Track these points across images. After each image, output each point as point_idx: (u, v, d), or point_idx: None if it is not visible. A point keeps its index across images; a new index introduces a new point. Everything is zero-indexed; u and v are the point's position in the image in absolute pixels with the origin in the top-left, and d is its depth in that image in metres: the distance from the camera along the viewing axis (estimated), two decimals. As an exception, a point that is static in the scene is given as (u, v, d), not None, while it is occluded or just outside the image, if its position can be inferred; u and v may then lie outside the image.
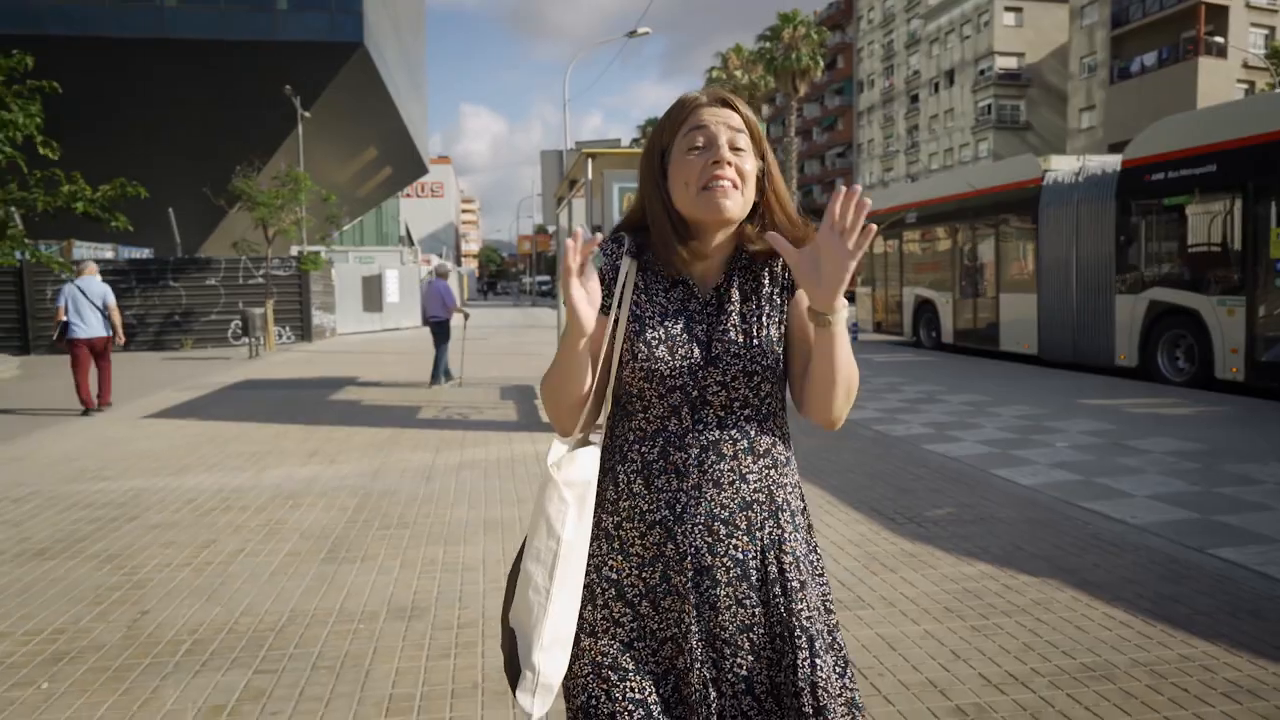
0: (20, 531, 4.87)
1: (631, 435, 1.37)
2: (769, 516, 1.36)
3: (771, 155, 1.41)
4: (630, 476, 1.36)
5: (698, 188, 1.32)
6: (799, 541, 1.38)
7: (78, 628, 3.47)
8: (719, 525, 1.33)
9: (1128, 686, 2.87)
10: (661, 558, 1.33)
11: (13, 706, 2.81)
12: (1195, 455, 6.58)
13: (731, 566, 1.33)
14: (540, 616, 1.31)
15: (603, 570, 1.36)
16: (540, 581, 1.31)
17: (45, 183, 12.85)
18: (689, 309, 1.38)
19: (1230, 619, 3.42)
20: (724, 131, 1.33)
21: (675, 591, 1.33)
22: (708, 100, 1.36)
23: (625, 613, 1.35)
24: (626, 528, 1.36)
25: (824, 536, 4.60)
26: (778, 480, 1.38)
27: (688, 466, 1.33)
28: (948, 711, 2.73)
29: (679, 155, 1.35)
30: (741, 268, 1.41)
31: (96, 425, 8.67)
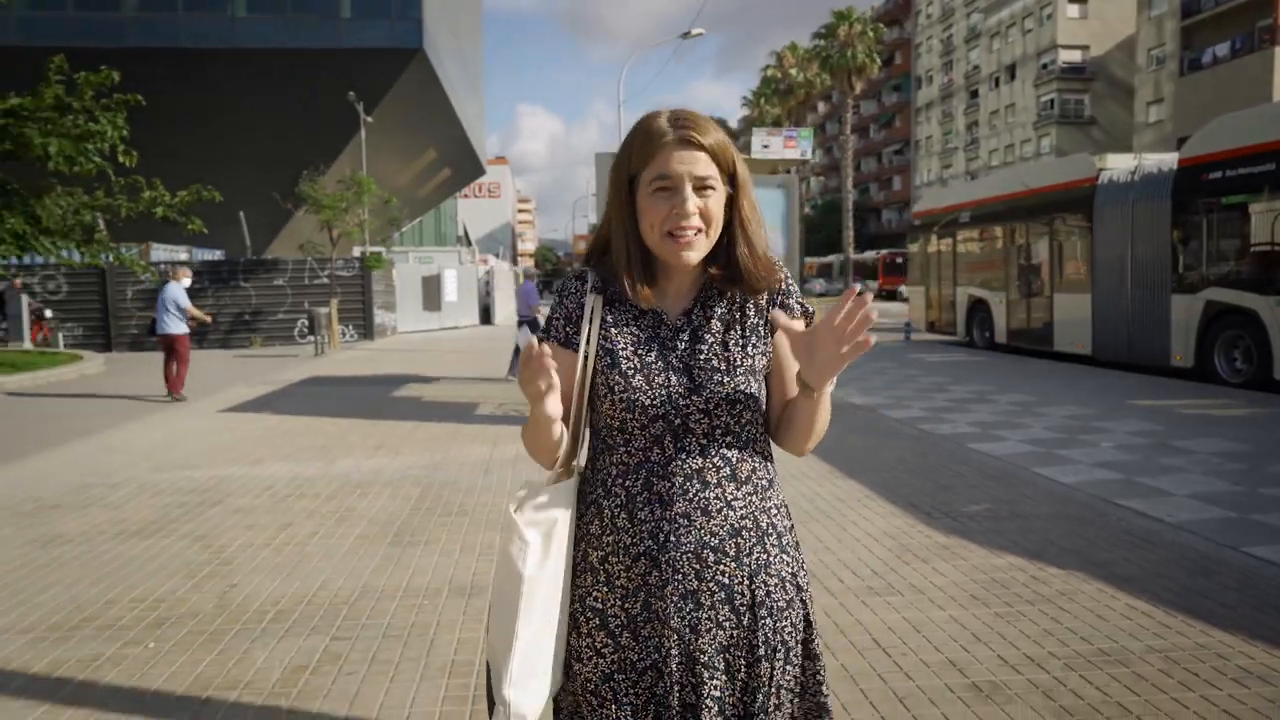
0: (119, 514, 5.34)
1: (614, 470, 1.39)
2: (756, 542, 1.38)
3: (746, 177, 1.40)
4: (615, 511, 1.38)
5: (662, 232, 1.33)
6: (784, 562, 1.41)
7: (175, 597, 3.87)
8: (708, 553, 1.35)
9: (1140, 670, 3.04)
10: (645, 587, 1.36)
11: (127, 661, 3.20)
12: (1242, 456, 6.58)
13: (716, 591, 1.35)
14: (508, 654, 1.34)
15: (587, 600, 1.39)
16: (506, 622, 1.34)
17: (128, 189, 13.63)
18: (660, 335, 1.39)
19: (1253, 612, 3.54)
20: (689, 179, 1.32)
21: (656, 618, 1.35)
22: (673, 138, 1.33)
23: (607, 643, 1.37)
24: (612, 561, 1.37)
25: (860, 529, 4.80)
26: (761, 505, 1.40)
27: (672, 495, 1.35)
28: (964, 688, 2.93)
29: (645, 192, 1.34)
30: (717, 294, 1.42)
31: (178, 419, 9.25)
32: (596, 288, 1.42)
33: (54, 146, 11.60)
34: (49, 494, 5.88)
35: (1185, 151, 10.69)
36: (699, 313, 1.40)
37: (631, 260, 1.37)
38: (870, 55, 43.42)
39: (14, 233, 11.94)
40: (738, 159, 1.38)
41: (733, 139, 6.69)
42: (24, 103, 11.76)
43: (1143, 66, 46.74)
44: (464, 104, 42.44)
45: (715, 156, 1.34)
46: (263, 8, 30.27)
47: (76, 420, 9.20)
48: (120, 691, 2.97)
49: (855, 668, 3.09)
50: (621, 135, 13.23)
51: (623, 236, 1.38)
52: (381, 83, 30.68)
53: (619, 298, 1.41)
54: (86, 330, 20.25)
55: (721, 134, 1.36)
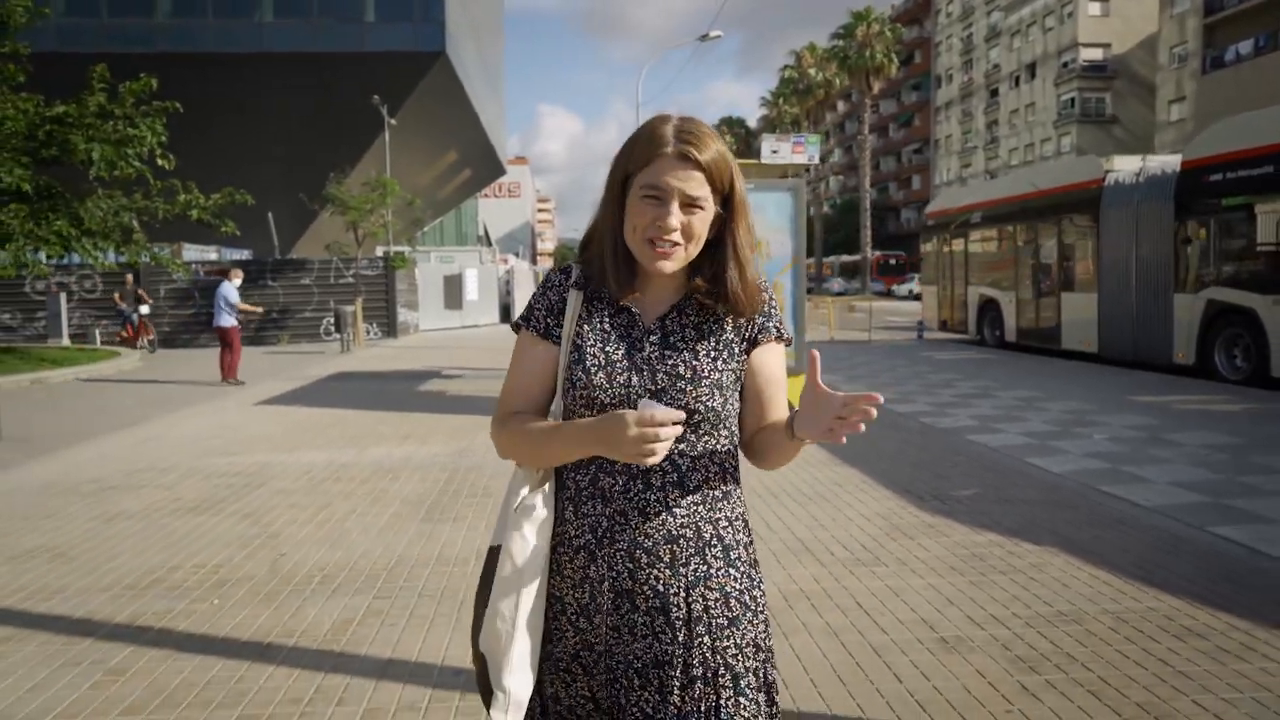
0: (171, 494, 5.81)
1: (569, 464, 1.41)
2: (695, 553, 1.37)
3: (744, 198, 1.41)
4: (564, 503, 1.41)
5: (643, 237, 1.35)
6: (731, 578, 1.39)
7: (231, 564, 4.31)
8: (640, 554, 1.35)
9: (1091, 628, 3.40)
10: (587, 580, 1.38)
11: (195, 614, 3.64)
12: (1228, 448, 6.89)
13: (651, 597, 1.36)
14: (508, 644, 1.38)
15: (549, 588, 1.44)
16: (508, 614, 1.38)
17: (164, 192, 14.21)
18: (631, 336, 1.41)
19: (1206, 581, 3.89)
20: (678, 195, 1.33)
21: (600, 611, 1.38)
22: (673, 150, 1.34)
23: (568, 627, 1.41)
24: (559, 551, 1.41)
25: (854, 509, 5.17)
26: (708, 516, 1.39)
27: (614, 492, 1.36)
28: (933, 641, 3.31)
29: (635, 195, 1.36)
30: (696, 305, 1.43)
31: (216, 411, 9.75)
32: (579, 283, 1.44)
33: (97, 152, 12.17)
34: (105, 477, 6.37)
35: (1188, 154, 10.94)
36: (674, 319, 1.42)
37: (613, 256, 1.39)
38: (888, 55, 43.58)
39: (59, 234, 12.52)
40: (737, 178, 1.38)
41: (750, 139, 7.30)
42: (69, 110, 12.33)
43: (1164, 65, 46.53)
44: (485, 105, 43.01)
45: (710, 175, 1.34)
46: (289, 12, 30.93)
47: (121, 413, 9.73)
48: (193, 637, 3.41)
49: (837, 624, 3.48)
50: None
51: (609, 231, 1.40)
52: (404, 85, 31.25)
53: (598, 295, 1.43)
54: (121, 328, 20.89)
55: (723, 152, 1.36)
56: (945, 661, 3.13)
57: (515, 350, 1.48)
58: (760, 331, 1.44)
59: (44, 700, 2.91)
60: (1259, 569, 4.08)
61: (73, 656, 3.25)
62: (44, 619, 3.62)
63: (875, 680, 2.99)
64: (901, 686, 2.95)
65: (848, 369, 13.23)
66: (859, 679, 3.00)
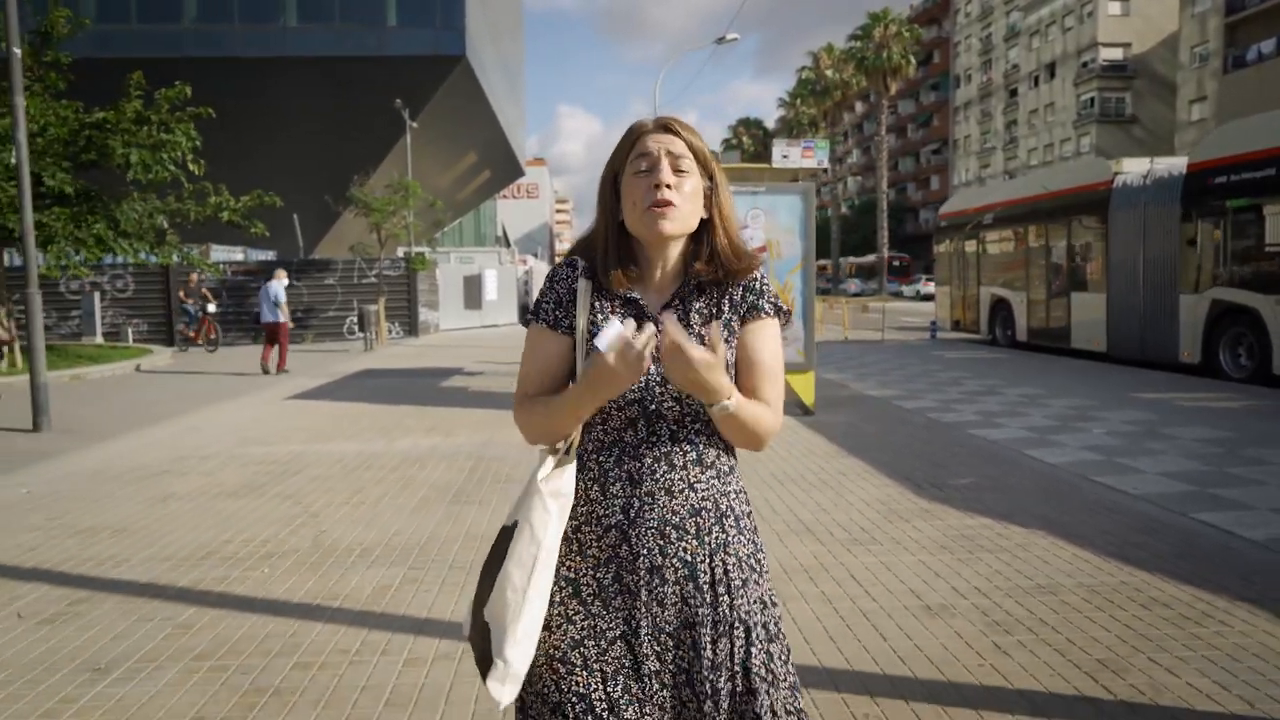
0: (214, 480, 6.21)
1: (591, 445, 1.48)
2: (715, 522, 1.46)
3: (722, 179, 1.51)
4: (589, 484, 1.46)
5: (643, 208, 1.43)
6: (742, 544, 1.49)
7: (277, 539, 4.69)
8: (670, 530, 1.43)
9: (1066, 598, 3.71)
10: (616, 559, 1.44)
11: (249, 580, 4.02)
12: (1222, 441, 7.14)
13: (680, 567, 1.43)
14: (517, 614, 1.41)
15: (561, 570, 1.47)
16: (519, 583, 1.41)
17: (195, 195, 14.69)
18: (641, 324, 1.43)
19: (1180, 561, 4.17)
20: (665, 155, 1.43)
21: (627, 590, 1.43)
22: (653, 126, 1.46)
23: (578, 610, 1.45)
24: (585, 530, 1.46)
25: (856, 496, 5.49)
26: (722, 489, 1.48)
27: (641, 475, 1.44)
28: (918, 608, 3.63)
29: (628, 178, 1.45)
30: (696, 290, 1.50)
31: (251, 404, 10.19)
32: (586, 273, 1.51)
33: (135, 156, 12.65)
34: (152, 464, 6.78)
35: (1193, 156, 11.15)
36: (678, 306, 1.49)
37: (614, 247, 1.48)
38: (905, 56, 43.69)
39: (97, 236, 13.02)
40: (716, 166, 1.50)
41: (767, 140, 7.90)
42: (108, 116, 12.82)
43: (1185, 64, 46.33)
44: (504, 107, 43.50)
45: (691, 148, 1.45)
46: (313, 17, 31.51)
47: (160, 406, 10.18)
48: (249, 599, 3.79)
49: (831, 593, 3.80)
50: None
51: (603, 226, 1.50)
52: (425, 89, 31.76)
53: (604, 286, 1.49)
54: (150, 326, 21.50)
55: (699, 136, 1.49)
56: (928, 625, 3.45)
57: (527, 341, 1.54)
58: (751, 310, 1.50)
59: (126, 647, 3.29)
60: (1230, 549, 4.36)
61: (145, 614, 3.63)
62: (115, 583, 4.02)
63: (862, 640, 3.32)
64: (886, 645, 3.27)
65: (858, 367, 13.51)
66: (848, 638, 3.33)
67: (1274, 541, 4.51)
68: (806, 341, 8.58)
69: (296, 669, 3.10)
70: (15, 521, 5.16)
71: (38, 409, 8.26)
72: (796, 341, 8.56)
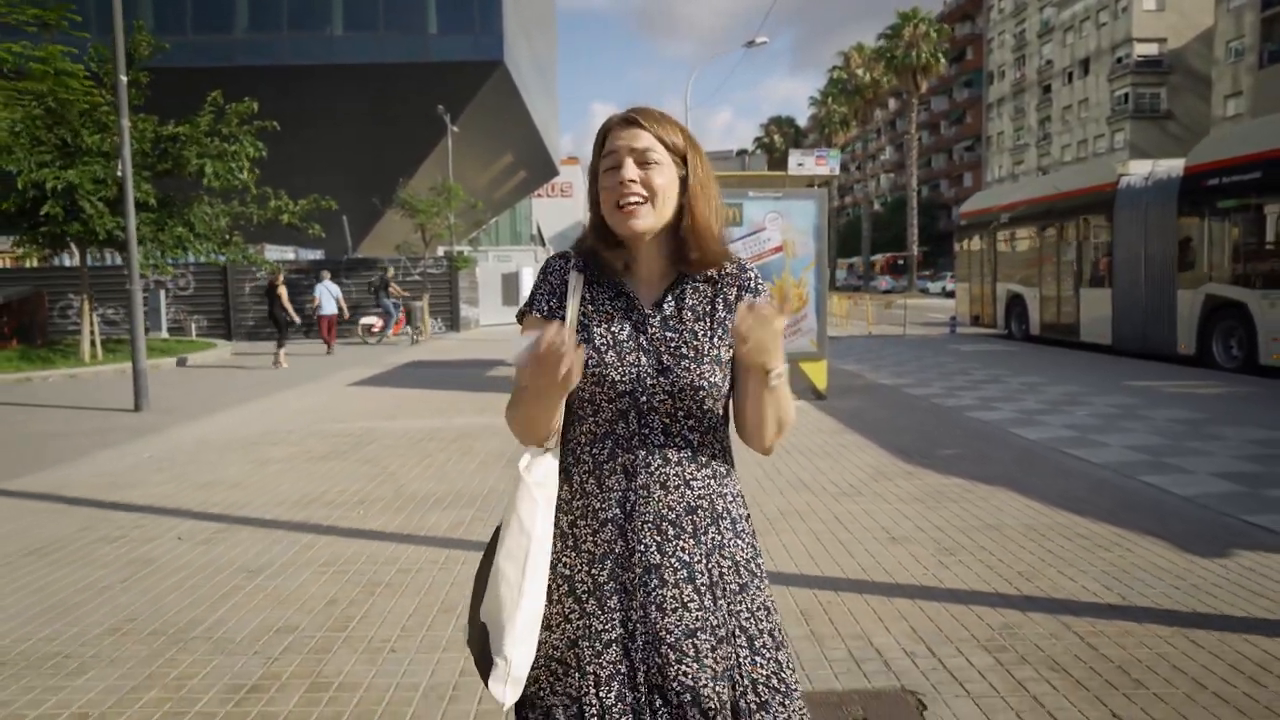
0: (303, 448, 7.26)
1: (583, 439, 1.44)
2: (711, 523, 1.42)
3: (700, 162, 1.46)
4: (583, 477, 1.43)
5: (613, 206, 1.41)
6: (740, 547, 1.45)
7: (365, 490, 5.70)
8: (667, 526, 1.40)
9: (1007, 534, 4.58)
10: (611, 554, 1.40)
11: (350, 519, 5.03)
12: (1190, 421, 7.90)
13: (679, 568, 1.39)
14: (513, 610, 1.37)
15: (557, 567, 1.43)
16: (514, 578, 1.37)
17: (257, 199, 15.89)
18: (633, 318, 1.45)
19: (1119, 510, 5.01)
20: (629, 152, 1.40)
21: (623, 589, 1.39)
22: (617, 122, 1.43)
23: (574, 609, 1.41)
24: (580, 525, 1.42)
25: (851, 462, 6.38)
26: (718, 490, 1.44)
27: (636, 467, 1.40)
28: (885, 538, 4.52)
29: (601, 176, 1.44)
30: (690, 287, 1.48)
31: (318, 390, 11.29)
32: (579, 266, 1.49)
33: (209, 166, 13.85)
34: (246, 436, 7.86)
35: (1190, 159, 11.83)
36: (671, 303, 1.47)
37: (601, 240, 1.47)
38: (934, 55, 44.07)
39: (177, 238, 14.26)
40: (691, 147, 1.46)
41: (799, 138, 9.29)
42: (182, 130, 14.04)
43: (1220, 59, 46.12)
44: (538, 106, 44.59)
45: (659, 138, 1.42)
46: (358, 26, 32.84)
47: (237, 391, 11.32)
48: (352, 529, 4.79)
49: (817, 529, 4.71)
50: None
51: (591, 223, 1.50)
52: (464, 93, 32.94)
53: (597, 280, 1.49)
54: (210, 322, 22.86)
55: (672, 121, 1.45)
56: (889, 549, 4.35)
57: (522, 332, 1.50)
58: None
59: (267, 558, 4.32)
60: (1159, 501, 5.19)
61: (274, 539, 4.65)
62: (245, 519, 5.06)
63: (836, 559, 4.23)
64: (854, 561, 4.18)
65: (875, 359, 14.32)
66: (825, 558, 4.24)
67: (1200, 497, 5.34)
68: (819, 332, 9.46)
69: (400, 572, 4.09)
70: (150, 477, 6.24)
71: (139, 392, 9.41)
72: (810, 332, 9.44)
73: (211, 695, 2.89)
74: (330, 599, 3.76)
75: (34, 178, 12.96)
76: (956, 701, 2.78)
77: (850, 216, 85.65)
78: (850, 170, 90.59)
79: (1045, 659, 3.07)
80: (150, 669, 3.09)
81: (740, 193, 9.31)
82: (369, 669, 3.07)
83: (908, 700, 2.80)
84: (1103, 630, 3.31)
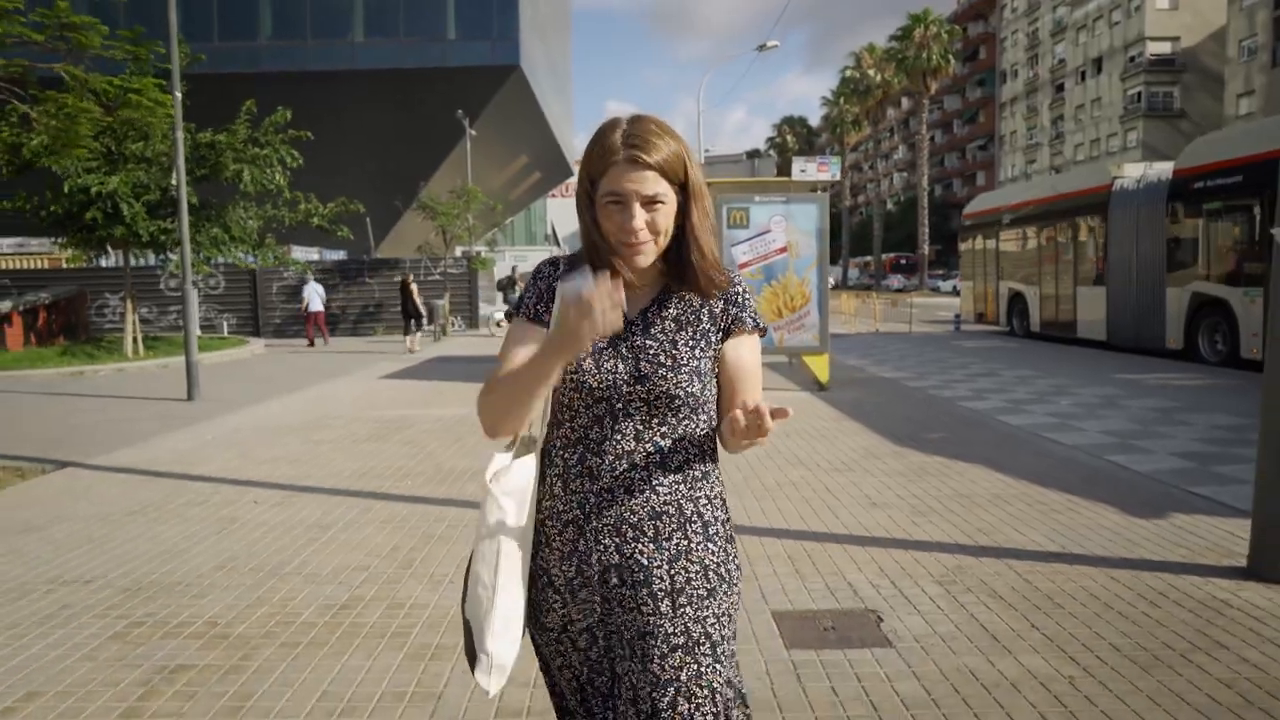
0: (348, 431, 7.99)
1: (559, 442, 1.49)
2: (677, 528, 1.45)
3: (699, 186, 1.45)
4: (554, 479, 1.48)
5: (616, 240, 1.42)
6: (709, 551, 1.47)
7: (409, 466, 6.42)
8: (627, 529, 1.44)
9: (975, 500, 5.24)
10: (576, 553, 1.46)
11: (399, 487, 5.76)
12: (1163, 409, 8.52)
13: (636, 570, 1.44)
14: (489, 609, 1.46)
15: (536, 560, 1.50)
16: (487, 580, 1.46)
17: (289, 203, 16.69)
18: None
19: (1072, 481, 5.65)
20: (636, 198, 1.39)
21: (588, 584, 1.46)
22: (623, 158, 1.39)
23: (555, 599, 1.49)
24: (549, 525, 1.49)
25: (844, 444, 7.04)
26: (689, 494, 1.47)
27: (601, 471, 1.44)
28: (866, 503, 5.19)
29: (601, 202, 1.42)
30: (676, 296, 1.51)
31: (353, 382, 12.05)
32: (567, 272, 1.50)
33: (247, 173, 14.66)
34: (294, 422, 8.60)
35: (1179, 163, 12.41)
36: (654, 311, 1.49)
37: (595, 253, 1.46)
38: (945, 57, 44.50)
39: (214, 239, 15.08)
40: (691, 167, 1.44)
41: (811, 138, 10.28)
42: (220, 138, 14.85)
43: (1233, 58, 46.28)
44: (553, 109, 45.37)
45: (664, 172, 1.40)
46: (379, 32, 33.71)
47: (277, 384, 12.09)
48: (403, 495, 5.51)
49: (808, 496, 5.39)
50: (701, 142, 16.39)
51: (586, 231, 1.48)
52: (482, 97, 33.75)
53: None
54: (239, 320, 23.74)
55: (673, 147, 1.41)
56: (869, 512, 5.02)
57: (507, 336, 1.53)
58: (734, 322, 1.51)
59: (333, 518, 5.04)
60: (1117, 476, 5.83)
61: (336, 503, 5.38)
62: (308, 488, 5.79)
63: (823, 519, 4.90)
64: (838, 520, 4.85)
65: (879, 354, 14.96)
66: (814, 518, 4.92)
67: (1155, 472, 5.97)
68: (821, 328, 10.11)
69: (449, 527, 4.80)
70: (216, 455, 6.99)
71: (191, 383, 10.19)
72: (813, 328, 10.10)
73: (310, 611, 3.61)
74: (394, 546, 4.47)
75: (80, 183, 13.79)
76: (908, 617, 3.45)
77: (863, 216, 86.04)
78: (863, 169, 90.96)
79: (987, 589, 3.74)
80: (257, 593, 3.81)
81: (747, 197, 9.99)
82: (433, 594, 3.77)
83: (868, 616, 3.48)
84: (1039, 570, 3.97)
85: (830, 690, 2.86)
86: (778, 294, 9.94)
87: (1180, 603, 3.54)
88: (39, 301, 17.33)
